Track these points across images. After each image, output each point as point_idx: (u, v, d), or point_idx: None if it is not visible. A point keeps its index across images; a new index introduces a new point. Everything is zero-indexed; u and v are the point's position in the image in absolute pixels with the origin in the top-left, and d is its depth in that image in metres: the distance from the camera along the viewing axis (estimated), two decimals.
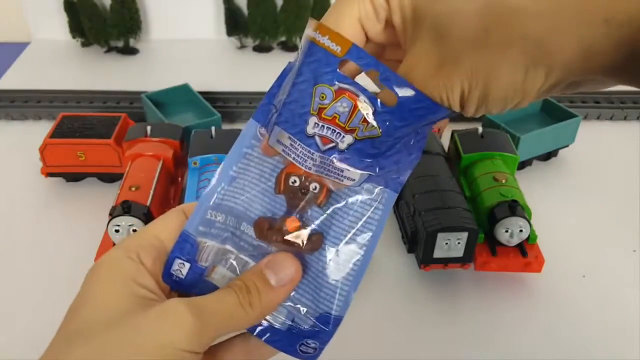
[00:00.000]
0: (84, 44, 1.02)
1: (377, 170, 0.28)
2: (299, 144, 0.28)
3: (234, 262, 0.30)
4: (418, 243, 0.56)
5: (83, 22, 0.98)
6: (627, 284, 0.58)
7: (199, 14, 1.04)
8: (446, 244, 0.53)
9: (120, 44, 1.01)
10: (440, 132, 0.74)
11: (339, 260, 0.30)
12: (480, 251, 0.55)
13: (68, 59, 1.00)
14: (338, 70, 0.27)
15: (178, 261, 0.30)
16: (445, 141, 0.69)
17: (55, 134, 0.66)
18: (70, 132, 0.66)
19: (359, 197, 0.29)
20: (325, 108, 0.27)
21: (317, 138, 0.28)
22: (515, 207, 0.54)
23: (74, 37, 1.01)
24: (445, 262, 0.55)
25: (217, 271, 0.30)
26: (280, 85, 0.29)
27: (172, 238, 0.30)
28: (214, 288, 0.30)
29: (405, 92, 0.26)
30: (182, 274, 0.30)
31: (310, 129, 0.28)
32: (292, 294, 0.30)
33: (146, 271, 0.29)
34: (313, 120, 0.28)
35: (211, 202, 0.30)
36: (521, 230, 0.54)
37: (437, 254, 0.54)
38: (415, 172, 0.59)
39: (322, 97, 0.27)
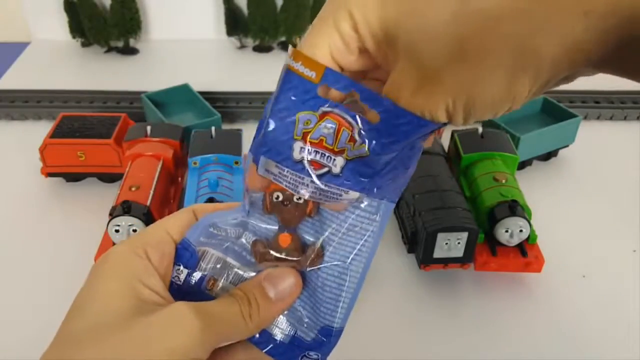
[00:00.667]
0: (84, 44, 1.02)
1: (374, 191, 0.28)
2: (287, 171, 0.28)
3: (236, 277, 0.31)
4: (418, 243, 0.56)
5: (83, 22, 0.98)
6: (627, 284, 0.57)
7: (199, 14, 1.04)
8: (446, 244, 0.53)
9: (120, 44, 1.01)
10: (440, 132, 0.74)
11: (338, 272, 0.30)
12: (480, 251, 0.55)
13: (68, 59, 1.00)
14: (318, 95, 0.26)
15: (176, 267, 0.30)
16: (445, 141, 0.69)
17: (55, 134, 0.66)
18: (70, 132, 0.66)
19: (356, 211, 0.29)
20: (310, 132, 0.27)
21: (305, 163, 0.27)
22: (515, 207, 0.54)
23: (74, 37, 1.01)
24: (445, 262, 0.55)
25: (219, 285, 0.31)
26: (264, 114, 0.29)
27: (181, 235, 0.30)
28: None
29: (385, 109, 0.26)
30: (181, 281, 0.30)
31: (296, 155, 0.27)
32: (295, 306, 0.31)
33: (153, 269, 0.29)
34: (298, 145, 0.27)
35: (215, 220, 0.31)
36: (521, 230, 0.54)
37: (437, 254, 0.54)
38: (415, 172, 0.59)
39: (307, 123, 0.27)
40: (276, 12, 0.98)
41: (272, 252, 0.30)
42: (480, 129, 0.66)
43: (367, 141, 0.27)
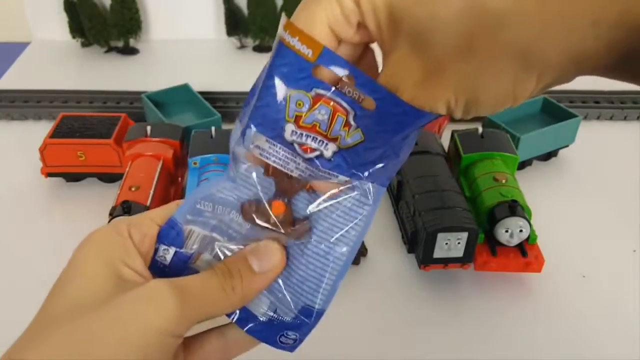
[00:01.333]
0: (84, 44, 1.02)
1: (365, 176, 0.28)
2: (280, 147, 0.27)
3: (220, 250, 0.30)
4: (418, 243, 0.56)
5: (83, 22, 0.98)
6: (627, 284, 0.57)
7: (199, 14, 1.04)
8: (446, 244, 0.53)
9: (120, 44, 1.01)
10: (440, 132, 0.74)
11: (324, 253, 0.29)
12: (480, 251, 0.55)
13: (68, 59, 1.00)
14: (313, 75, 0.26)
15: (163, 247, 0.30)
16: (445, 141, 0.69)
17: (55, 134, 0.66)
18: (70, 132, 0.66)
19: (349, 193, 0.29)
20: (303, 116, 0.26)
21: (296, 146, 0.27)
22: (515, 207, 0.54)
23: (74, 37, 1.01)
24: (445, 262, 0.55)
25: (202, 259, 0.30)
26: (255, 86, 0.29)
27: (164, 221, 0.31)
28: None
29: (381, 96, 0.25)
30: (167, 260, 0.30)
31: (288, 136, 0.27)
32: (276, 284, 0.30)
33: (134, 248, 0.29)
34: (290, 127, 0.27)
35: (203, 194, 0.31)
36: (521, 230, 0.54)
37: (437, 254, 0.54)
38: (415, 172, 0.60)
39: (299, 104, 0.26)
40: (276, 12, 0.98)
41: (258, 219, 0.29)
42: (480, 129, 0.66)
43: (362, 127, 0.26)
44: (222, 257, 0.30)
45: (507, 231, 0.54)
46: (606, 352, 0.51)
